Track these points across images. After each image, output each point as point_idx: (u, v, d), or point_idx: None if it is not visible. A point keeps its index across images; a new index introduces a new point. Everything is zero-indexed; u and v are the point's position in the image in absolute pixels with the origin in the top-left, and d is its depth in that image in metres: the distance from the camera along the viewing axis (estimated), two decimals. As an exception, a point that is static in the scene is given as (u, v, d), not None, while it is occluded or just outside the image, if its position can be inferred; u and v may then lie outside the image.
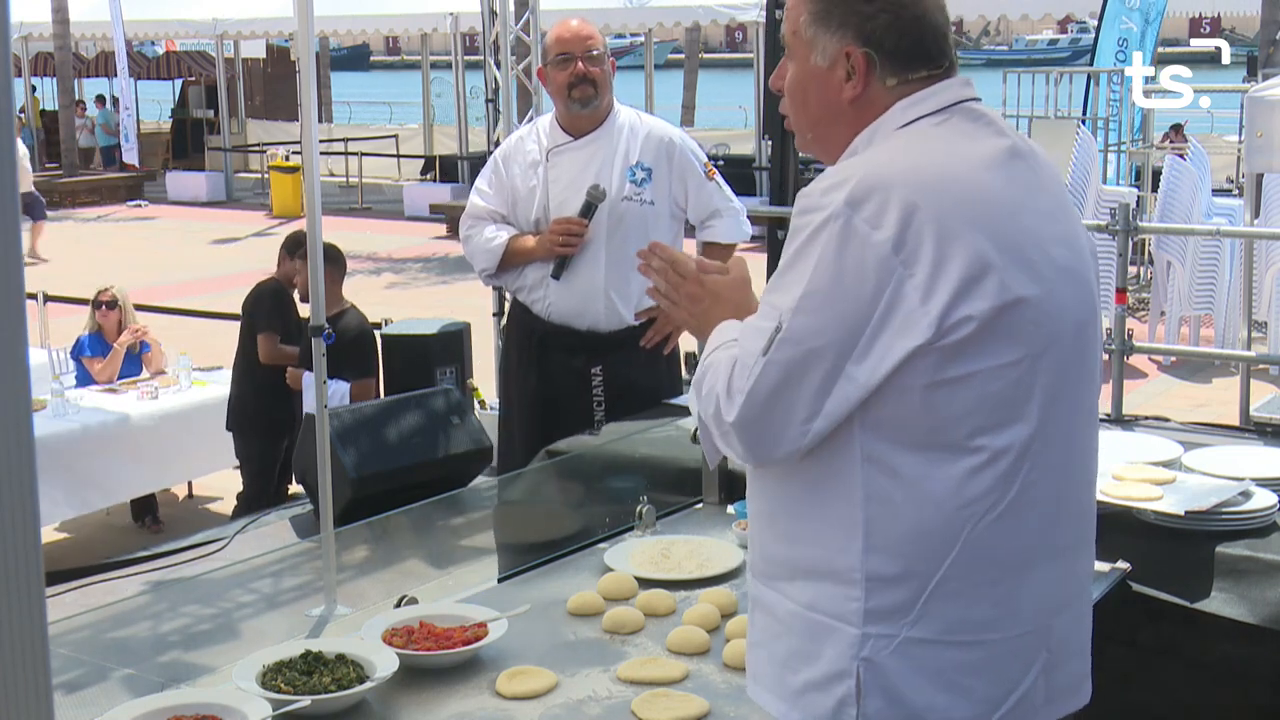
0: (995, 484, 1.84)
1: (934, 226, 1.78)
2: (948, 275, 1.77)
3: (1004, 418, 1.83)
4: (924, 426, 1.81)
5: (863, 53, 1.92)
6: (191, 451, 7.29)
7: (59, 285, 10.11)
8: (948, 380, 1.79)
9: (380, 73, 59.77)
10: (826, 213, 1.81)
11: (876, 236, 1.78)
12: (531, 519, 3.77)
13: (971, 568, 1.84)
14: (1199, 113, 11.75)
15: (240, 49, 26.84)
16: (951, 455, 1.82)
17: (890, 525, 1.83)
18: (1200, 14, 20.02)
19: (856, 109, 1.95)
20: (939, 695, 1.85)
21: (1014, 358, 1.82)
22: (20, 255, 0.96)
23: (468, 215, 4.54)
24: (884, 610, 1.84)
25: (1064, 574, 1.95)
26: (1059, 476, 1.91)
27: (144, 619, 3.19)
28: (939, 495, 1.83)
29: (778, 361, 1.82)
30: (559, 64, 4.35)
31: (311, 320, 4.29)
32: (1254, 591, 3.01)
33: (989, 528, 1.84)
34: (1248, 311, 5.45)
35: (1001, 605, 1.87)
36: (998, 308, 1.79)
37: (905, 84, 1.93)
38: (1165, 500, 3.17)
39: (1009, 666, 1.89)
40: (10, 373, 0.95)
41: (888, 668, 1.84)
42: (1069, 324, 1.90)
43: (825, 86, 1.96)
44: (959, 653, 1.85)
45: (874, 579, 1.84)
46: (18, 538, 0.95)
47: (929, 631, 1.84)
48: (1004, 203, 1.86)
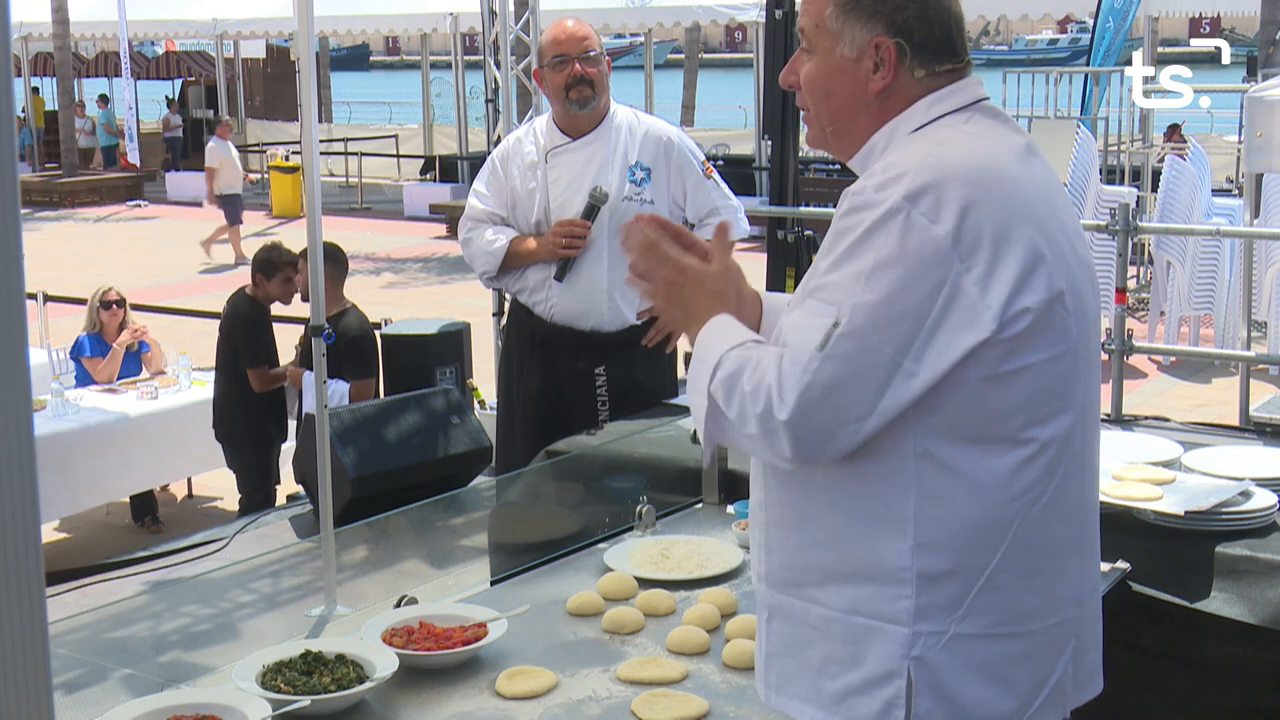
0: (1042, 475, 1.86)
1: (991, 220, 1.80)
2: (1006, 268, 1.79)
3: (1052, 409, 1.86)
4: (978, 420, 1.82)
5: (894, 43, 1.92)
6: (191, 451, 7.29)
7: (59, 285, 10.11)
8: (1005, 374, 1.81)
9: (380, 73, 59.81)
10: (885, 207, 1.80)
11: (936, 230, 1.77)
12: (531, 519, 3.77)
13: (1018, 559, 1.86)
14: (1199, 113, 11.75)
15: (240, 49, 26.89)
16: (1004, 448, 1.84)
17: (942, 521, 1.84)
18: (1200, 14, 20.01)
19: (882, 101, 1.95)
20: (986, 688, 1.87)
21: (1062, 349, 1.85)
22: (20, 255, 0.96)
23: (467, 217, 4.54)
24: (934, 607, 1.84)
25: (1089, 563, 2.00)
26: (1087, 468, 1.96)
27: (144, 619, 3.19)
28: (991, 488, 1.84)
29: (837, 357, 1.78)
30: (556, 66, 4.35)
31: (311, 320, 4.30)
32: (1254, 591, 3.01)
33: (1035, 519, 1.86)
34: (1247, 311, 5.45)
35: (1043, 595, 1.89)
36: (1049, 299, 1.82)
37: (932, 76, 1.94)
38: (1165, 500, 3.17)
39: (1047, 655, 1.91)
40: (10, 373, 0.95)
41: (938, 665, 1.84)
42: (1094, 316, 1.95)
43: (852, 78, 1.95)
44: (1004, 645, 1.87)
45: (924, 576, 1.84)
46: (18, 538, 0.95)
47: (977, 626, 1.85)
48: (1040, 197, 1.89)
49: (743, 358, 1.87)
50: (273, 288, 6.89)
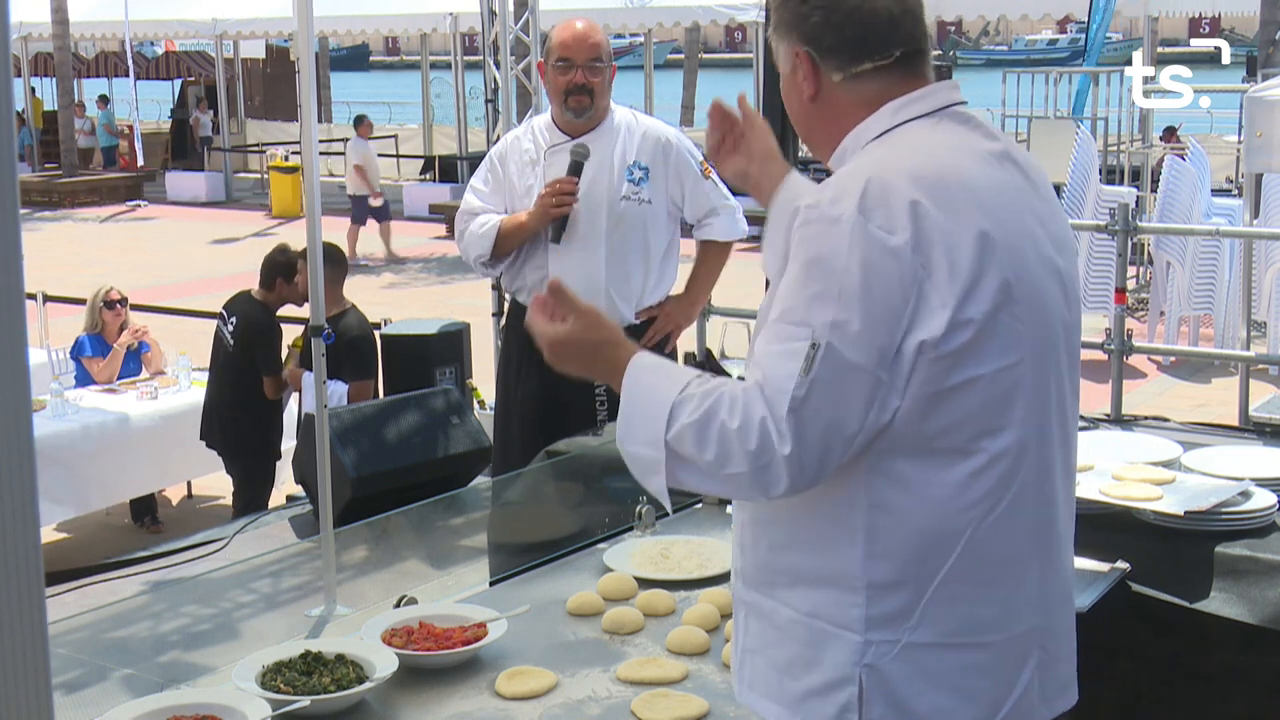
0: (995, 486, 1.84)
1: (942, 226, 1.79)
2: (957, 277, 1.78)
3: (1004, 420, 1.84)
4: (927, 432, 1.81)
5: (805, 51, 1.97)
6: (191, 451, 7.28)
7: (59, 285, 10.11)
8: (952, 387, 1.80)
9: (380, 73, 59.80)
10: (840, 224, 1.80)
11: (893, 241, 1.77)
12: (531, 519, 3.77)
13: (971, 570, 1.85)
14: (1199, 113, 11.75)
15: (240, 49, 26.87)
16: (953, 459, 1.83)
17: (892, 532, 1.84)
18: (1200, 14, 20.02)
19: (818, 107, 1.99)
20: (943, 698, 1.86)
21: (1013, 359, 1.83)
22: (20, 255, 0.96)
23: (463, 212, 4.53)
24: (885, 616, 1.84)
25: (1054, 572, 1.97)
26: (1049, 476, 1.93)
27: (144, 619, 3.19)
28: (941, 499, 1.83)
29: (822, 381, 1.77)
30: (559, 68, 4.34)
31: (311, 320, 4.30)
32: (1253, 591, 3.01)
33: (988, 529, 1.85)
34: (1247, 311, 5.45)
35: (1000, 605, 1.88)
36: (995, 309, 1.80)
37: (854, 78, 1.95)
38: (1165, 500, 3.16)
39: (1009, 666, 1.90)
40: (10, 373, 0.95)
41: (890, 673, 1.85)
42: (1059, 325, 1.92)
43: (792, 90, 2.02)
44: (961, 655, 1.86)
45: (874, 585, 1.84)
46: (18, 538, 0.95)
47: (931, 635, 1.85)
48: (1001, 202, 1.87)
49: (712, 397, 1.83)
50: (292, 290, 6.83)
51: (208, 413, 6.91)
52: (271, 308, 6.87)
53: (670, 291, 4.56)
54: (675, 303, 4.55)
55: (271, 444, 6.89)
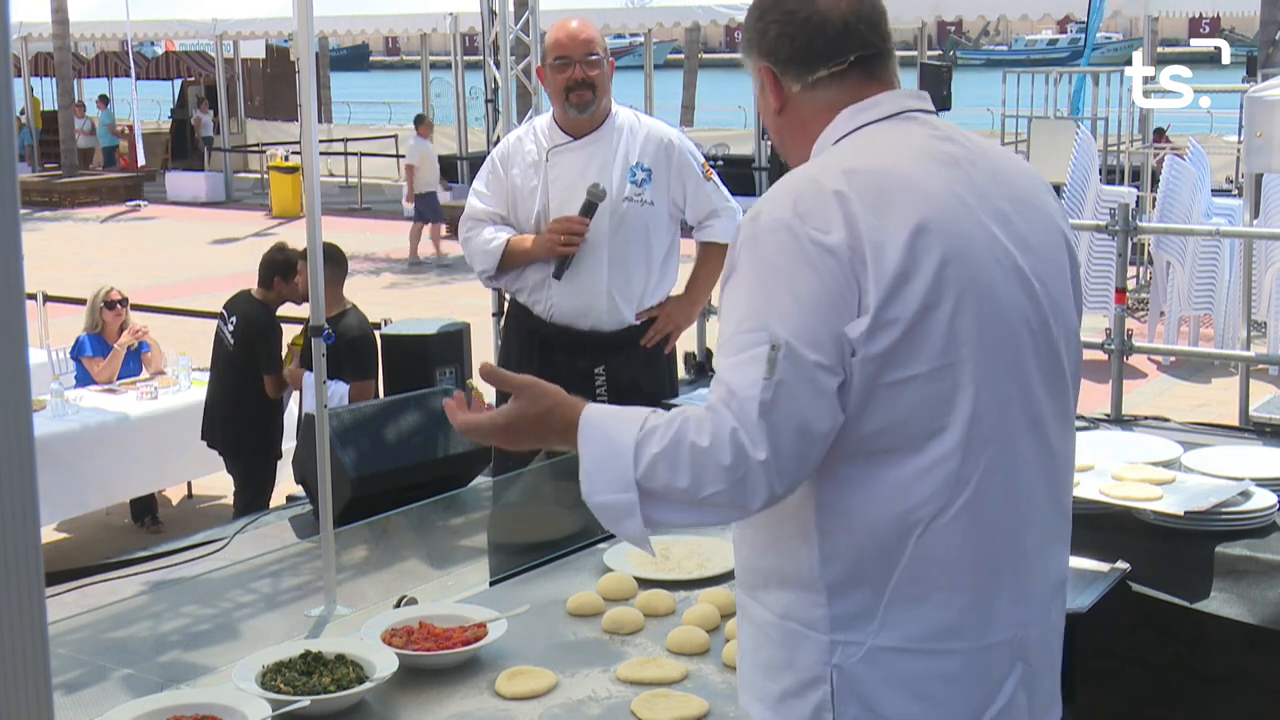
0: (942, 486, 1.81)
1: (870, 223, 1.79)
2: (884, 273, 1.77)
3: (945, 420, 1.81)
4: (866, 432, 1.80)
5: (765, 66, 2.02)
6: (191, 451, 7.28)
7: (59, 285, 10.11)
8: (888, 385, 1.78)
9: (380, 73, 59.81)
10: (779, 230, 1.82)
11: (830, 240, 1.78)
12: (531, 519, 3.77)
13: (929, 573, 1.82)
14: (1199, 113, 11.76)
15: (240, 49, 26.87)
16: (896, 459, 1.81)
17: (840, 532, 1.84)
18: (1200, 14, 20.02)
19: (786, 119, 2.03)
20: (912, 705, 1.84)
21: (951, 359, 1.80)
22: (20, 255, 0.96)
23: (467, 217, 4.53)
24: (848, 616, 1.85)
25: (1035, 581, 1.92)
26: (1022, 481, 1.87)
27: (144, 619, 3.19)
28: (886, 499, 1.82)
29: (788, 381, 1.76)
30: (557, 66, 4.34)
31: (311, 320, 4.30)
32: (1253, 591, 3.01)
33: (942, 532, 1.82)
34: (1247, 311, 5.45)
35: (969, 613, 1.85)
36: (932, 305, 1.78)
37: (812, 86, 1.98)
38: (1165, 500, 3.17)
39: (983, 677, 1.86)
40: (10, 373, 0.95)
41: (859, 675, 1.84)
42: (1020, 325, 1.87)
43: (764, 104, 2.07)
44: (928, 661, 1.84)
45: (833, 586, 1.85)
46: (18, 538, 0.95)
47: (895, 639, 1.84)
48: (945, 200, 1.85)
49: (671, 426, 1.81)
50: (291, 289, 6.84)
51: (209, 412, 6.91)
52: (271, 307, 6.87)
53: (671, 292, 4.57)
54: (676, 303, 4.55)
55: (272, 443, 6.89)
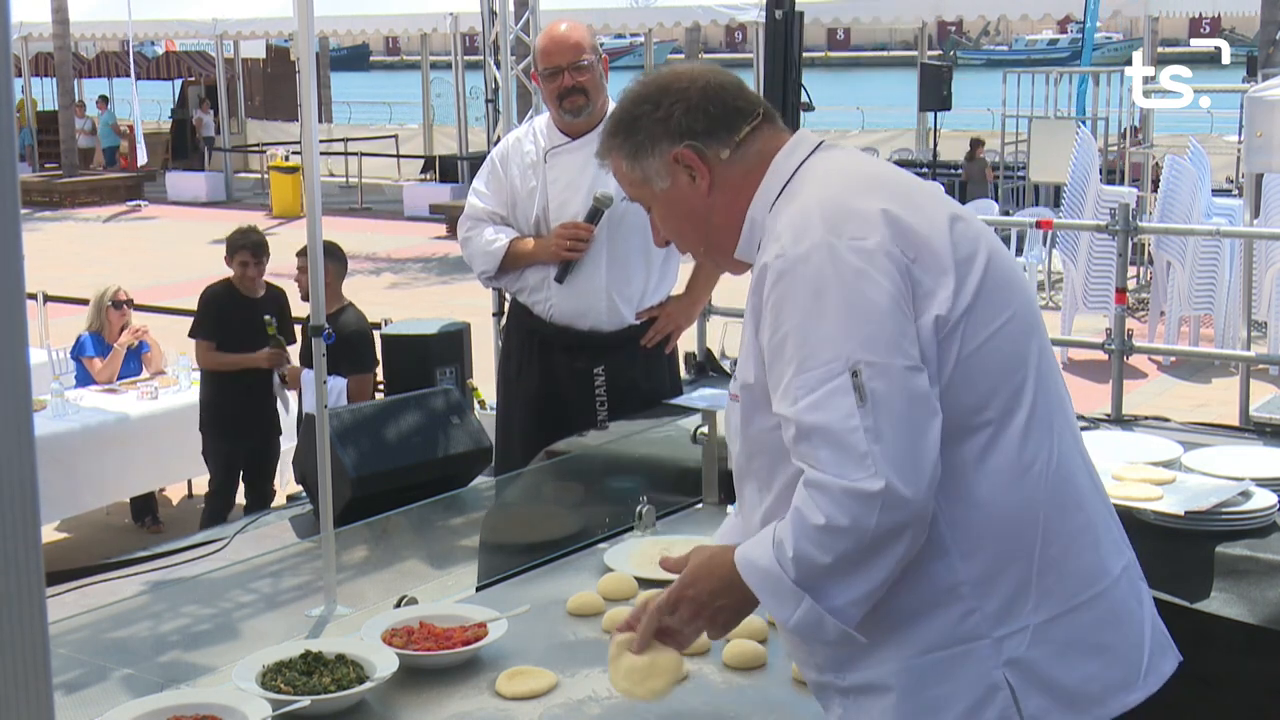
0: (1044, 437, 1.87)
1: (911, 217, 1.85)
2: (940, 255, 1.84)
3: (1023, 372, 1.87)
4: (969, 406, 1.82)
5: (685, 148, 1.97)
6: (191, 451, 7.27)
7: (59, 285, 10.10)
8: (975, 350, 1.82)
9: (380, 73, 59.77)
10: (816, 253, 1.80)
11: (869, 243, 1.80)
12: (531, 519, 3.76)
13: (1057, 526, 1.86)
14: (1199, 113, 11.77)
15: (240, 49, 26.86)
16: (999, 425, 1.83)
17: (971, 524, 1.82)
18: (1200, 14, 20.00)
19: (718, 195, 1.99)
20: (1089, 662, 1.86)
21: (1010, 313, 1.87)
22: (20, 255, 0.96)
23: (466, 217, 4.53)
24: (1004, 607, 1.83)
25: (1113, 513, 2.02)
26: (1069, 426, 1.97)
27: (144, 619, 3.19)
28: (1001, 472, 1.83)
29: (883, 396, 1.73)
30: (547, 75, 4.33)
31: (312, 320, 4.30)
32: (1254, 592, 3.01)
33: (1054, 480, 1.87)
34: (1247, 311, 5.45)
35: (1094, 549, 1.91)
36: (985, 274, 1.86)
37: (739, 148, 1.98)
38: (1165, 500, 3.17)
39: (1128, 605, 1.93)
40: (10, 373, 0.95)
41: (1033, 659, 1.83)
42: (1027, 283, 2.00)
43: (683, 201, 2.01)
44: (1085, 613, 1.87)
45: (981, 582, 1.82)
46: (18, 538, 0.95)
47: (1053, 608, 1.84)
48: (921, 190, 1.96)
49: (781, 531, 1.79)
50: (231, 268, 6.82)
51: (203, 405, 6.93)
52: (232, 284, 6.85)
53: (671, 292, 4.56)
54: (676, 303, 4.55)
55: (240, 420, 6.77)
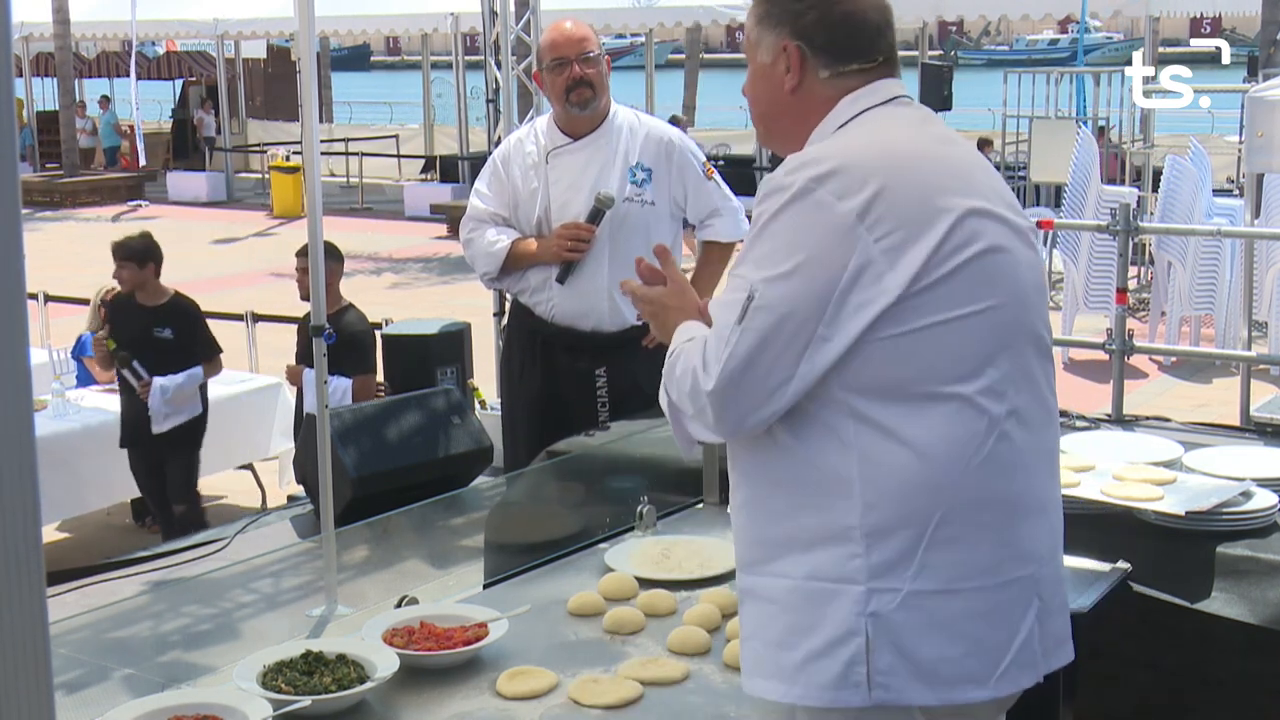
0: (977, 430, 1.92)
1: (904, 198, 1.92)
2: (919, 243, 1.90)
3: (976, 365, 1.93)
4: (899, 378, 1.91)
5: (795, 46, 2.08)
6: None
7: (59, 285, 10.11)
8: (913, 330, 1.89)
9: (381, 73, 59.77)
10: (794, 189, 1.94)
11: (841, 206, 1.91)
12: (532, 519, 3.77)
13: (965, 514, 1.91)
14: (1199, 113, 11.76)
15: (241, 49, 26.86)
16: (929, 404, 1.91)
17: (882, 479, 1.91)
18: (1200, 14, 20.01)
19: (798, 100, 2.10)
20: (948, 645, 1.90)
21: (980, 306, 1.93)
22: (21, 255, 0.96)
23: (468, 218, 4.53)
24: (886, 563, 1.90)
25: (1048, 527, 2.04)
26: (1033, 432, 2.00)
27: (144, 619, 3.19)
28: (923, 444, 1.91)
29: (753, 329, 1.91)
30: (554, 68, 4.34)
31: (312, 320, 4.30)
32: (1254, 592, 3.01)
33: (976, 473, 1.92)
34: (1248, 312, 5.44)
35: (997, 549, 1.94)
36: (966, 261, 1.92)
37: (839, 76, 2.09)
38: (1166, 500, 3.16)
39: (1009, 612, 1.95)
40: (11, 373, 0.95)
41: (895, 622, 1.89)
42: (1030, 281, 2.03)
43: (770, 81, 2.13)
44: (962, 600, 1.91)
45: (873, 533, 1.90)
46: (18, 538, 0.95)
47: (933, 582, 1.90)
48: (960, 169, 2.02)
49: (681, 350, 2.03)
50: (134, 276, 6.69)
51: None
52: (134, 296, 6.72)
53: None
54: (677, 303, 4.54)
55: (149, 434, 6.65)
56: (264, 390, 7.64)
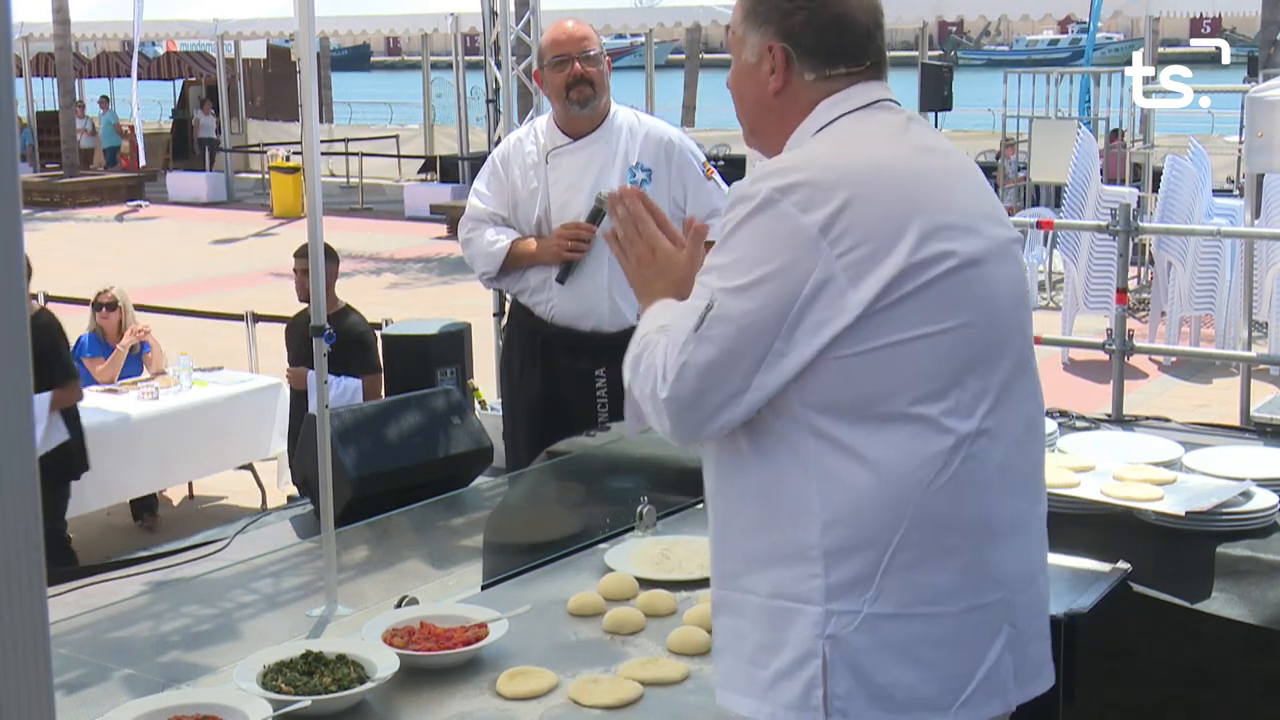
0: (941, 451, 1.87)
1: (871, 213, 1.86)
2: (884, 260, 1.84)
3: (942, 385, 1.88)
4: (860, 397, 1.86)
5: (782, 47, 2.03)
6: (191, 452, 7.29)
7: (59, 285, 10.10)
8: (873, 349, 1.85)
9: (381, 73, 59.78)
10: (757, 199, 1.89)
11: (805, 219, 1.85)
12: (532, 519, 3.76)
13: (926, 536, 1.87)
14: (1199, 113, 11.76)
15: (241, 49, 26.85)
16: (891, 424, 1.86)
17: (842, 499, 1.87)
18: (1200, 14, 20.00)
19: (782, 102, 2.05)
20: (906, 671, 1.87)
21: (947, 325, 1.88)
22: (21, 255, 0.96)
23: (467, 217, 4.53)
24: (844, 585, 1.87)
25: (1024, 550, 1.98)
26: (1008, 451, 1.94)
27: (144, 619, 3.19)
28: (886, 463, 1.86)
29: (709, 338, 1.88)
30: (555, 66, 4.35)
31: (312, 320, 4.30)
32: (1255, 592, 3.01)
33: (938, 495, 1.87)
34: (1248, 312, 5.45)
35: (960, 574, 1.89)
36: (932, 279, 1.86)
37: (825, 79, 2.03)
38: (1166, 500, 3.16)
39: (974, 638, 1.90)
40: (11, 372, 0.95)
41: (853, 644, 1.86)
42: (1006, 296, 1.97)
43: (754, 81, 2.07)
44: (922, 625, 1.87)
45: (832, 553, 1.87)
46: (18, 538, 0.95)
47: (891, 605, 1.87)
48: (934, 181, 1.95)
49: (649, 340, 1.99)
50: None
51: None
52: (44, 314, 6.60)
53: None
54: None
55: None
56: (264, 390, 7.64)
